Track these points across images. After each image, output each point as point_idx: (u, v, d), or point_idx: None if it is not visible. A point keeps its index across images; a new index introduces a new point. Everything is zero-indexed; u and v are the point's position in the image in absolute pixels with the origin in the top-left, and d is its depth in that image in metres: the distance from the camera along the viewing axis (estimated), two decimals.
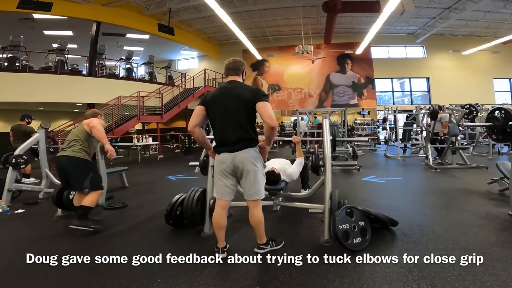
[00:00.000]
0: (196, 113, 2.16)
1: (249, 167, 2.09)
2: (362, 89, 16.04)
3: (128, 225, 3.09)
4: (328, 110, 10.99)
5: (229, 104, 2.08)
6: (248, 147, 2.10)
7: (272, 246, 2.28)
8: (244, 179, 2.12)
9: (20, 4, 8.37)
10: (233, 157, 2.09)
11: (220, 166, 2.15)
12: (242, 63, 2.24)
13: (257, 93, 2.08)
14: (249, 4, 11.77)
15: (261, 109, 2.03)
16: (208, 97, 2.17)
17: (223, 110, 2.10)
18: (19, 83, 8.96)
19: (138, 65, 14.41)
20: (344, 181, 5.23)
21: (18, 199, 4.22)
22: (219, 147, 2.16)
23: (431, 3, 11.76)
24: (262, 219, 2.19)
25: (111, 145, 3.06)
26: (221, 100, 2.11)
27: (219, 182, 2.18)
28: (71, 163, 2.87)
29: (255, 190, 2.12)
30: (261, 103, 2.04)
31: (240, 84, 2.18)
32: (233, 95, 2.09)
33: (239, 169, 2.10)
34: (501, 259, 2.05)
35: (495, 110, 3.55)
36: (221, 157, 2.15)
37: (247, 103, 2.05)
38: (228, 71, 2.22)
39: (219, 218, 2.19)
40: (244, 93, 2.09)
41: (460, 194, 4.02)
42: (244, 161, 2.08)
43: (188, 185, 4.94)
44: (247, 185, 2.12)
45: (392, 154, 8.54)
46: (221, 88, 2.20)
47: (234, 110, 2.07)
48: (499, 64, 15.67)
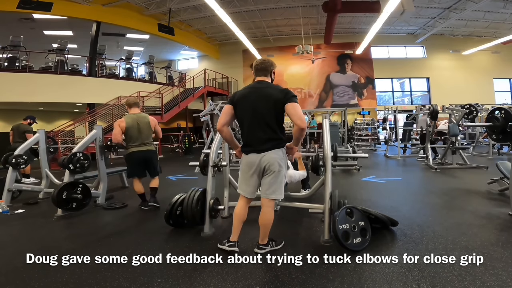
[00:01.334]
0: (225, 112, 2.17)
1: (274, 168, 2.11)
2: (362, 89, 16.04)
3: (128, 225, 3.10)
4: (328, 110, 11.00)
5: (259, 104, 2.08)
6: (276, 148, 2.12)
7: (272, 247, 2.28)
8: (267, 176, 2.14)
9: (20, 4, 8.37)
10: (261, 157, 2.11)
11: (248, 167, 2.16)
12: (271, 64, 2.24)
13: (287, 94, 2.08)
14: (249, 4, 11.77)
15: (291, 110, 2.03)
16: (237, 96, 2.17)
17: (252, 110, 2.10)
18: (19, 83, 8.96)
19: (138, 65, 14.40)
20: (344, 181, 5.23)
21: (18, 199, 4.22)
22: (247, 147, 2.17)
23: (431, 3, 11.76)
24: (272, 220, 2.20)
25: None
26: (251, 99, 2.11)
27: (246, 182, 2.20)
28: (154, 156, 3.76)
29: (274, 189, 2.14)
30: (290, 103, 2.04)
31: (269, 84, 2.19)
32: (263, 95, 2.09)
33: (265, 168, 2.12)
34: (501, 259, 2.05)
35: (495, 110, 3.55)
36: (249, 158, 2.16)
37: (277, 103, 2.06)
38: (257, 72, 2.22)
39: (242, 211, 2.23)
40: (273, 93, 2.09)
41: (460, 194, 4.02)
42: (271, 161, 2.10)
43: (188, 185, 4.94)
44: (268, 183, 2.14)
45: (392, 154, 8.54)
46: (250, 87, 2.19)
47: (264, 110, 2.08)
48: (499, 64, 15.67)
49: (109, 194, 4.20)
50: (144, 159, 3.63)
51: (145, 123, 3.65)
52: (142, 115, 3.72)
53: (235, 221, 2.25)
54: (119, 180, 5.16)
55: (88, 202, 3.63)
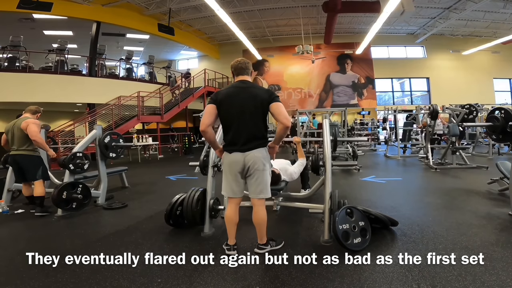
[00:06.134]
0: (209, 112, 2.13)
1: (259, 167, 2.12)
2: (362, 89, 16.03)
3: (128, 225, 3.09)
4: (328, 110, 10.99)
5: (247, 103, 2.09)
6: (260, 147, 2.13)
7: (272, 246, 2.28)
8: (252, 177, 2.14)
9: (20, 4, 8.37)
10: (245, 156, 2.11)
11: (232, 166, 2.16)
12: (250, 63, 2.27)
13: (272, 94, 2.13)
14: (249, 4, 11.77)
15: (276, 109, 2.07)
16: (221, 96, 2.15)
17: (240, 109, 2.10)
18: (19, 83, 8.95)
19: (138, 65, 14.41)
20: (344, 181, 5.23)
21: (18, 199, 4.21)
22: (231, 146, 2.16)
23: (431, 3, 11.76)
24: (266, 218, 2.21)
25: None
26: (238, 98, 2.11)
27: (231, 181, 2.19)
28: (25, 160, 3.61)
29: (261, 189, 2.15)
30: (275, 103, 2.08)
31: (254, 84, 2.21)
32: (250, 95, 2.11)
33: (249, 168, 2.12)
34: (501, 259, 2.05)
35: (495, 110, 3.55)
36: (232, 157, 2.15)
37: (263, 103, 2.08)
38: (239, 71, 2.23)
39: (232, 214, 2.22)
40: (260, 93, 2.12)
41: (460, 194, 4.02)
42: (255, 160, 2.10)
43: (188, 185, 4.95)
44: (255, 183, 2.14)
45: (392, 154, 8.54)
46: (235, 86, 2.18)
47: (252, 109, 2.09)
48: (499, 64, 15.66)
49: (109, 194, 4.20)
50: (16, 163, 3.57)
51: (18, 128, 3.54)
52: (21, 120, 3.59)
53: (227, 225, 2.25)
54: (119, 180, 5.16)
55: (88, 202, 3.63)
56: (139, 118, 10.74)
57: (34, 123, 3.55)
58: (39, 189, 3.54)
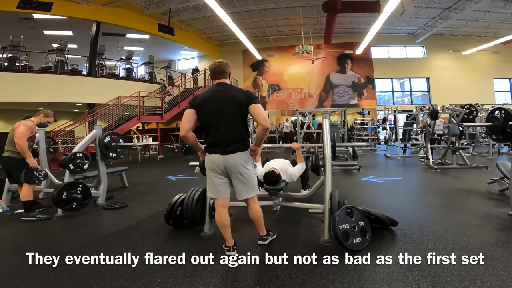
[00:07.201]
0: (188, 116, 2.11)
1: (240, 170, 2.13)
2: (362, 89, 16.01)
3: (128, 225, 3.09)
4: (328, 110, 10.99)
5: (225, 105, 2.08)
6: (240, 150, 2.13)
7: (272, 236, 2.42)
8: (236, 180, 2.16)
9: (20, 4, 8.37)
10: (225, 159, 2.11)
11: (212, 165, 2.16)
12: (228, 65, 2.24)
13: (250, 95, 2.12)
14: (249, 4, 11.76)
15: (255, 110, 2.07)
16: (199, 100, 2.14)
17: (218, 112, 2.09)
18: (19, 83, 8.95)
19: (138, 65, 14.40)
20: (344, 181, 5.23)
21: (18, 199, 4.19)
22: (212, 148, 2.15)
23: (431, 3, 11.76)
24: (261, 212, 2.29)
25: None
26: (216, 101, 2.10)
27: (214, 181, 2.20)
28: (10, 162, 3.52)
29: (247, 189, 2.18)
30: (254, 105, 2.07)
31: (231, 86, 2.21)
32: (228, 97, 2.10)
33: (231, 171, 2.14)
34: (501, 259, 2.05)
35: (495, 110, 3.55)
36: (212, 157, 2.15)
37: (242, 104, 2.07)
38: (216, 75, 2.21)
39: (222, 217, 2.22)
40: (237, 94, 2.11)
41: (460, 194, 4.02)
42: (236, 164, 2.11)
43: (188, 185, 4.94)
44: (240, 185, 2.17)
45: (392, 154, 8.54)
46: (212, 90, 2.18)
47: (230, 112, 2.08)
48: (499, 64, 15.65)
49: (109, 194, 4.20)
50: (3, 164, 3.55)
51: (12, 128, 3.49)
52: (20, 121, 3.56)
53: (220, 229, 2.27)
54: (119, 180, 5.16)
55: (88, 202, 3.63)
56: (139, 118, 10.75)
57: (25, 125, 3.40)
58: (23, 193, 3.43)
